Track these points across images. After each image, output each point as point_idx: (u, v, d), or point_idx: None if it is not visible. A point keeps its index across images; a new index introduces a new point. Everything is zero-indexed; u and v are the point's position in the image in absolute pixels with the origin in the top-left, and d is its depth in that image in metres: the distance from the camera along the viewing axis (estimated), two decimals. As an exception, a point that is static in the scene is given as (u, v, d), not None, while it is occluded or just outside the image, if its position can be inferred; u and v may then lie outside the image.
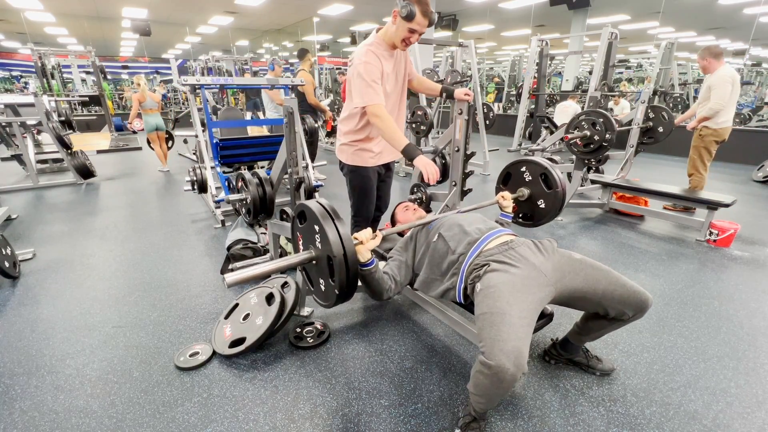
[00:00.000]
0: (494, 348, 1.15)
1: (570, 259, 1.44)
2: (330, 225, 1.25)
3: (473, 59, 5.64)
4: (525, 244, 1.46)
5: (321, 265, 1.33)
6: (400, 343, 1.91)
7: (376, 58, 1.83)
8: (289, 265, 1.36)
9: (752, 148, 6.26)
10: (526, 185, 2.04)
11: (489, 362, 1.13)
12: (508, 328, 1.18)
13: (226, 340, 1.85)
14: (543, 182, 1.98)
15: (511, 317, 1.20)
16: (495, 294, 1.27)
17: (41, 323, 2.08)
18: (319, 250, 1.31)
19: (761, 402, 1.55)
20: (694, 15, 10.14)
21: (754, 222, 3.64)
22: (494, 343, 1.16)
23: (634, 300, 1.40)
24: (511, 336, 1.16)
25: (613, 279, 1.41)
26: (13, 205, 4.10)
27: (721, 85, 3.43)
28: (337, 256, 1.22)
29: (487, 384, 1.18)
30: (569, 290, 1.39)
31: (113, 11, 10.65)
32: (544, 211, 2.01)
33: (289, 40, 15.75)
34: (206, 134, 3.81)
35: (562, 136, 3.69)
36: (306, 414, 1.49)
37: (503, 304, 1.23)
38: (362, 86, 1.80)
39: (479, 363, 1.18)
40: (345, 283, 1.25)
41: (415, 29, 1.77)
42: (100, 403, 1.54)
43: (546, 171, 1.95)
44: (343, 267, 1.23)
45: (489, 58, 18.14)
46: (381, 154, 2.11)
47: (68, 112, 6.80)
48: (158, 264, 2.78)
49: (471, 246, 1.47)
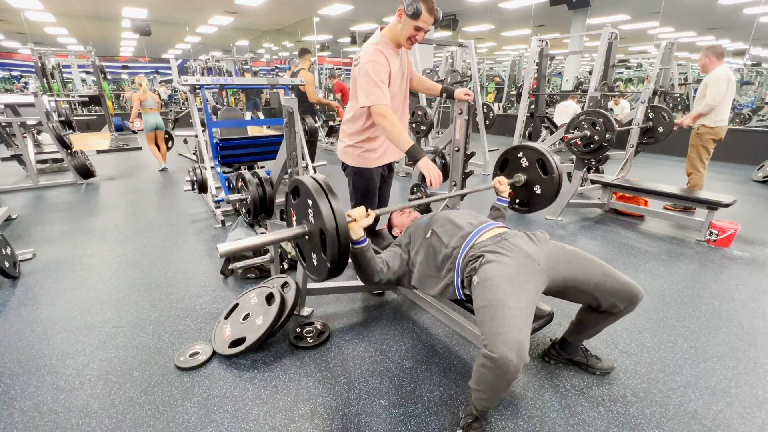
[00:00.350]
0: (496, 340, 1.16)
1: (562, 249, 1.48)
2: (323, 200, 1.27)
3: (473, 59, 5.64)
4: (518, 235, 1.48)
5: (314, 239, 1.36)
6: (400, 343, 1.91)
7: (384, 58, 1.81)
8: (282, 238, 1.41)
9: (752, 148, 6.26)
10: (522, 171, 2.06)
11: (492, 355, 1.14)
12: (508, 320, 1.19)
13: (226, 340, 1.85)
14: (540, 168, 1.99)
15: (510, 309, 1.22)
16: (493, 286, 1.28)
17: (41, 323, 2.08)
18: (312, 224, 1.35)
19: (761, 402, 1.55)
20: (694, 15, 10.14)
21: (754, 222, 3.64)
22: (496, 335, 1.17)
23: (626, 292, 1.42)
24: (512, 327, 1.18)
25: (605, 271, 1.43)
26: (13, 205, 4.10)
27: (716, 82, 3.51)
28: (329, 230, 1.24)
29: (490, 377, 1.19)
30: (562, 278, 1.41)
31: (113, 11, 10.65)
32: (540, 196, 2.03)
33: (289, 40, 15.74)
34: (206, 134, 3.82)
35: (562, 136, 3.69)
36: (306, 414, 1.49)
37: (502, 296, 1.25)
38: (369, 86, 1.78)
39: (482, 357, 1.19)
40: (337, 257, 1.28)
41: (421, 27, 1.76)
42: (100, 403, 1.54)
43: (542, 156, 1.97)
44: (335, 241, 1.25)
45: (489, 58, 18.14)
46: (385, 154, 2.11)
47: (68, 112, 6.80)
48: (158, 264, 2.78)
49: (464, 239, 1.49)
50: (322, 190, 1.29)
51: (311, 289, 2.12)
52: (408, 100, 2.13)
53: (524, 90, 6.96)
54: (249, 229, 2.92)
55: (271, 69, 15.66)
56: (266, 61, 17.60)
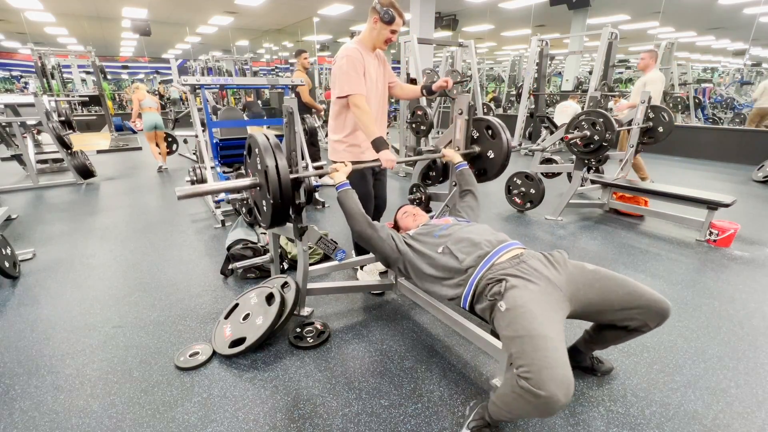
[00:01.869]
0: (542, 375, 1.06)
1: (582, 270, 1.39)
2: (270, 155, 1.55)
3: (473, 59, 5.65)
4: (535, 257, 1.42)
5: (263, 189, 1.62)
6: (400, 343, 1.91)
7: (359, 53, 1.99)
8: (237, 187, 1.78)
9: (752, 148, 6.26)
10: (475, 143, 2.26)
11: (539, 392, 1.05)
12: (554, 354, 1.11)
13: (226, 340, 1.85)
14: (489, 135, 2.18)
15: (553, 341, 1.14)
16: (527, 315, 1.21)
17: (41, 323, 2.08)
18: (262, 175, 1.59)
19: (761, 402, 1.55)
20: (694, 15, 10.15)
21: (754, 222, 3.64)
22: (541, 370, 1.07)
23: (655, 309, 1.34)
24: (559, 362, 1.09)
25: (630, 289, 1.34)
26: (13, 205, 4.10)
27: (655, 82, 4.36)
28: (270, 173, 1.53)
29: (528, 409, 1.12)
30: (584, 304, 1.34)
31: (113, 11, 10.65)
32: (494, 161, 2.19)
33: (289, 40, 15.74)
34: (206, 134, 3.82)
35: (562, 136, 3.69)
36: (306, 414, 1.49)
37: (539, 326, 1.17)
38: (344, 78, 1.97)
39: (523, 389, 1.08)
40: (279, 196, 1.56)
41: (395, 30, 2.01)
42: (100, 403, 1.54)
43: (488, 123, 2.17)
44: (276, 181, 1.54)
45: (489, 58, 18.14)
46: (370, 149, 2.16)
47: (68, 112, 6.80)
48: (158, 264, 2.78)
49: (481, 260, 1.44)
50: (270, 146, 1.55)
51: (311, 289, 2.12)
52: (387, 105, 2.28)
53: (524, 90, 6.97)
54: (249, 228, 2.92)
55: (271, 69, 15.67)
56: (266, 61, 17.60)
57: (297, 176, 1.70)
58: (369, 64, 2.05)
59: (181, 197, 1.44)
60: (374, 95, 2.13)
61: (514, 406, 1.16)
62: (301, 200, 1.77)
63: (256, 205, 1.80)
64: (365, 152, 2.18)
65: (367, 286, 2.35)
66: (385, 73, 2.22)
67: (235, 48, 16.26)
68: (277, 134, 1.91)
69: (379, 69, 2.16)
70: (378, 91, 2.16)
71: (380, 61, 2.17)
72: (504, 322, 1.26)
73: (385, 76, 2.22)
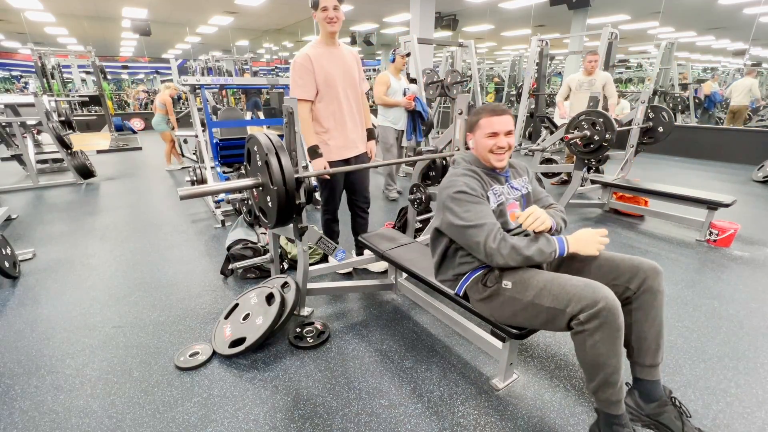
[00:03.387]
0: (585, 294, 1.18)
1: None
2: (274, 155, 1.56)
3: (473, 59, 5.64)
4: None
5: (267, 189, 1.65)
6: (400, 343, 1.91)
7: (307, 58, 2.09)
8: (239, 187, 1.78)
9: (752, 148, 6.25)
10: None
11: (596, 306, 1.14)
12: (571, 281, 1.25)
13: (226, 340, 1.85)
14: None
15: (561, 277, 1.28)
16: (531, 272, 1.35)
17: (41, 323, 2.08)
18: (266, 175, 1.62)
19: (761, 402, 1.55)
20: (694, 15, 10.14)
21: (754, 222, 3.64)
22: (581, 292, 1.19)
23: (639, 265, 1.35)
24: (581, 280, 1.24)
25: (606, 255, 1.45)
26: (13, 205, 4.10)
27: (611, 81, 4.60)
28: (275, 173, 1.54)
29: (604, 337, 1.15)
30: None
31: (113, 11, 10.64)
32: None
33: (289, 40, 15.74)
34: (206, 134, 3.82)
35: (562, 136, 3.69)
36: (306, 414, 1.49)
37: (547, 274, 1.32)
38: (292, 83, 2.12)
39: (584, 326, 1.17)
40: (284, 196, 1.58)
41: (326, 7, 2.06)
42: (100, 403, 1.54)
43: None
44: (281, 181, 1.55)
45: (489, 58, 18.14)
46: (341, 149, 2.29)
47: (68, 112, 6.80)
48: (158, 264, 2.78)
49: None
50: (273, 147, 1.57)
51: (311, 289, 2.12)
52: (362, 100, 2.35)
53: (524, 90, 6.96)
54: (249, 229, 2.92)
55: (271, 69, 15.66)
56: (266, 61, 17.59)
57: (297, 176, 1.70)
58: (326, 59, 2.13)
59: (184, 197, 1.45)
60: (341, 85, 2.19)
61: (595, 352, 1.18)
62: (301, 200, 1.78)
63: (258, 206, 1.80)
64: (336, 151, 2.28)
65: (367, 286, 2.35)
66: (359, 73, 2.31)
67: (235, 48, 16.26)
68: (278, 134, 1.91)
69: (346, 65, 2.22)
70: (346, 82, 2.23)
71: (346, 57, 2.24)
72: (515, 293, 1.35)
73: (356, 74, 2.29)
